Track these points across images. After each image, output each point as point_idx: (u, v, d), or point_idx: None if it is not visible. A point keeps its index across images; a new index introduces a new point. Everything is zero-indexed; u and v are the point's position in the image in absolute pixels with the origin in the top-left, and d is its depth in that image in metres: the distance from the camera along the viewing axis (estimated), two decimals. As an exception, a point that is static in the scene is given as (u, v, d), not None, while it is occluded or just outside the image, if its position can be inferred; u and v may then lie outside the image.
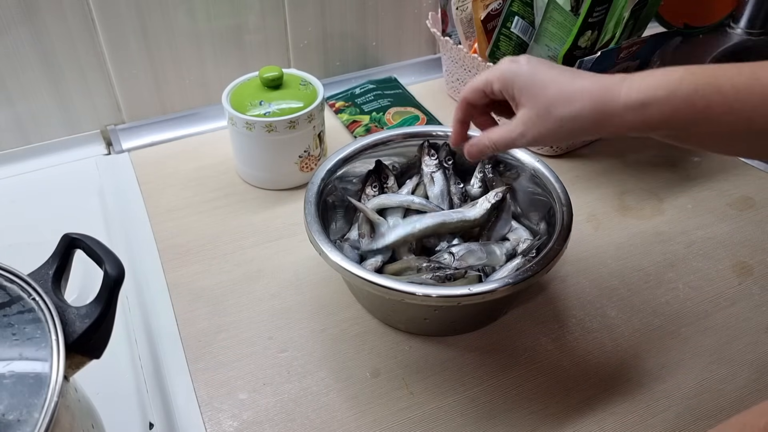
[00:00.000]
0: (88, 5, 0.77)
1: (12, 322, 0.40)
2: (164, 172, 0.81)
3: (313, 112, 0.74)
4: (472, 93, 0.54)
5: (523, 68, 0.50)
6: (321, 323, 0.63)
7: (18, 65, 0.77)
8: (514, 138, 0.51)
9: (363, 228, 0.66)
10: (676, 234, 0.73)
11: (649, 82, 0.46)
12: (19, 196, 0.78)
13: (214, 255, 0.70)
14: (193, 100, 0.89)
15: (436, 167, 0.68)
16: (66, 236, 0.45)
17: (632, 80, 0.46)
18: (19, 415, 0.36)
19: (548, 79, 0.49)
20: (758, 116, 0.43)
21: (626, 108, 0.46)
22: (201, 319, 0.63)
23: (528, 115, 0.50)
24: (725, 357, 0.60)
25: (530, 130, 0.50)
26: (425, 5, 0.96)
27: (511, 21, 0.78)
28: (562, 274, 0.68)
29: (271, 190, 0.78)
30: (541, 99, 0.49)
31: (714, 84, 0.44)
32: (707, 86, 0.44)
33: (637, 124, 0.47)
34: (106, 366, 0.45)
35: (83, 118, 0.85)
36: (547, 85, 0.49)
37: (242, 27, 0.86)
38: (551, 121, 0.49)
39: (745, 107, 0.44)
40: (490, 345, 0.61)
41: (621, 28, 0.75)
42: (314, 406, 0.56)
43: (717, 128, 0.45)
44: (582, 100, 0.47)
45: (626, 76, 0.47)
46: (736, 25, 1.07)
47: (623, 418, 0.55)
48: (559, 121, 0.48)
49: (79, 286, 0.60)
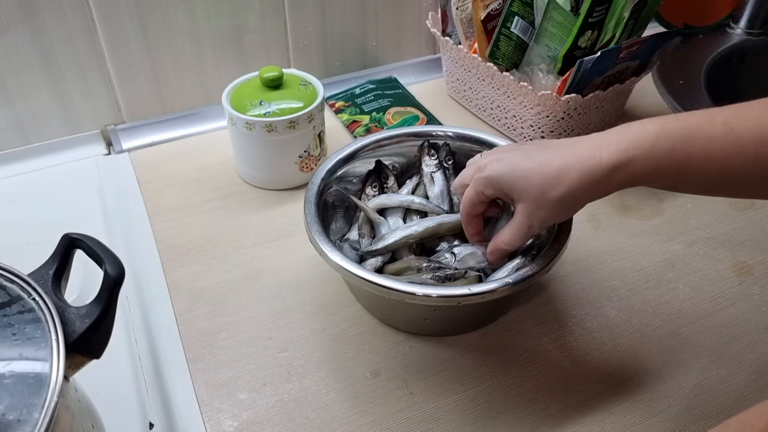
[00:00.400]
0: (88, 5, 0.77)
1: (12, 322, 0.40)
2: (164, 172, 0.81)
3: (313, 112, 0.74)
4: (473, 208, 0.57)
5: (500, 168, 0.53)
6: (321, 323, 0.63)
7: (18, 65, 0.77)
8: (525, 232, 0.54)
9: (363, 228, 0.66)
10: (676, 234, 0.73)
11: (626, 140, 0.48)
12: (19, 196, 0.78)
13: (214, 255, 0.70)
14: (193, 100, 0.89)
15: (436, 167, 0.68)
16: (66, 236, 0.45)
17: (608, 142, 0.48)
18: (19, 415, 0.36)
19: (527, 169, 0.51)
20: (735, 165, 0.45)
21: (611, 170, 0.48)
22: (201, 319, 0.63)
23: (527, 208, 0.52)
24: (725, 357, 0.60)
25: (535, 220, 0.52)
26: (425, 5, 0.96)
27: (511, 21, 0.78)
28: (562, 274, 0.68)
29: (271, 190, 0.78)
30: (531, 190, 0.51)
31: (689, 137, 0.46)
32: (683, 140, 0.46)
33: (626, 180, 0.48)
34: (106, 366, 0.45)
35: (83, 118, 0.85)
36: (529, 175, 0.51)
37: (242, 27, 0.86)
38: (550, 204, 0.51)
39: (722, 156, 0.46)
40: (490, 345, 0.61)
41: (621, 28, 0.75)
42: (314, 406, 0.56)
43: (700, 177, 0.47)
44: (569, 177, 0.49)
45: (600, 138, 0.49)
46: (736, 25, 1.07)
47: (623, 418, 0.55)
48: (556, 203, 0.50)
49: (79, 286, 0.60)
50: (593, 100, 0.77)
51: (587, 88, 0.76)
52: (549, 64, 0.78)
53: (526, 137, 0.83)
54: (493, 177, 0.53)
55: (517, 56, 0.81)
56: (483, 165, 0.54)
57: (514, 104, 0.82)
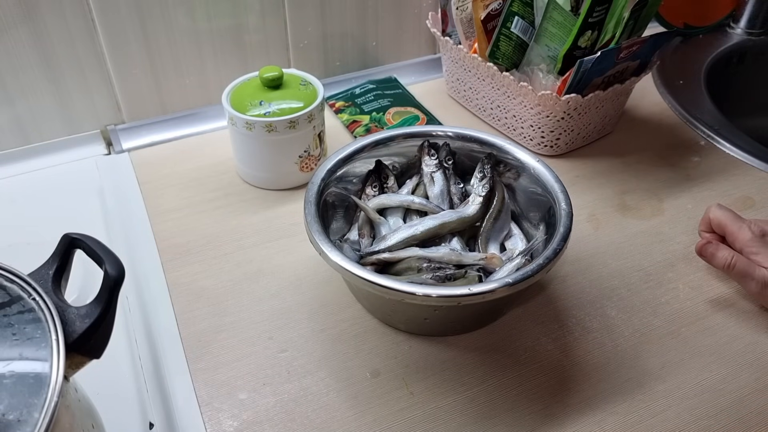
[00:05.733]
0: (88, 5, 0.77)
1: (12, 322, 0.40)
2: (164, 172, 0.81)
3: (313, 112, 0.74)
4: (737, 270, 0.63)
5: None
6: (321, 323, 0.63)
7: (18, 65, 0.77)
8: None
9: (363, 228, 0.66)
10: (676, 234, 0.73)
11: None
12: (19, 196, 0.78)
13: (214, 255, 0.70)
14: (193, 100, 0.89)
15: (436, 167, 0.68)
16: (66, 236, 0.45)
17: None
18: (19, 415, 0.36)
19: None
20: None
21: None
22: (201, 319, 0.63)
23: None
24: (725, 357, 0.60)
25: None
26: (425, 5, 0.96)
27: (511, 21, 0.78)
28: (562, 274, 0.68)
29: (271, 190, 0.78)
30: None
31: None
32: None
33: None
34: (106, 366, 0.45)
35: (83, 118, 0.85)
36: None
37: (242, 27, 0.86)
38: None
39: None
40: (490, 345, 0.61)
41: (621, 28, 0.75)
42: (314, 406, 0.56)
43: None
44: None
45: None
46: (736, 25, 1.07)
47: (623, 418, 0.55)
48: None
49: (79, 286, 0.60)
50: (593, 100, 0.77)
51: (587, 88, 0.76)
52: (549, 64, 0.78)
53: (526, 137, 0.83)
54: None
55: (517, 56, 0.81)
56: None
57: (514, 104, 0.82)
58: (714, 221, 0.65)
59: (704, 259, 0.65)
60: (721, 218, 0.64)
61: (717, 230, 0.65)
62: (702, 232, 0.67)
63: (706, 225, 0.66)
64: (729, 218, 0.64)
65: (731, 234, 0.63)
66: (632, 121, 0.90)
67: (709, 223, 0.66)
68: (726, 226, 0.64)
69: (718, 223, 0.65)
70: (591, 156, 0.84)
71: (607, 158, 0.83)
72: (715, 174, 0.81)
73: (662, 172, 0.81)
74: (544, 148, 0.83)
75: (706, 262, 0.65)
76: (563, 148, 0.83)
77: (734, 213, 0.64)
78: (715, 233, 0.66)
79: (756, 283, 0.61)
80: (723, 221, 0.64)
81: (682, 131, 0.88)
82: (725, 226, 0.64)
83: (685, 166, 0.82)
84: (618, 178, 0.80)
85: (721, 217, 0.64)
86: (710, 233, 0.66)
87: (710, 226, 0.66)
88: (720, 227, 0.65)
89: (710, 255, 0.64)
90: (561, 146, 0.83)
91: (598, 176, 0.81)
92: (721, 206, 0.65)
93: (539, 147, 0.83)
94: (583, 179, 0.80)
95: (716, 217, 0.65)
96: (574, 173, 0.81)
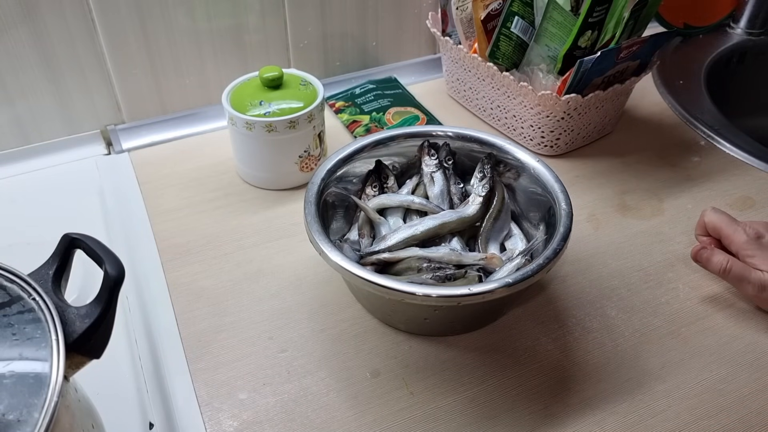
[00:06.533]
0: (88, 5, 0.77)
1: (12, 322, 0.40)
2: (164, 172, 0.81)
3: (313, 112, 0.74)
4: (732, 273, 0.63)
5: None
6: (321, 323, 0.63)
7: (18, 65, 0.77)
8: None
9: (363, 228, 0.66)
10: (676, 234, 0.73)
11: None
12: (19, 196, 0.78)
13: (214, 255, 0.70)
14: (193, 100, 0.89)
15: (436, 167, 0.68)
16: (66, 236, 0.45)
17: None
18: (19, 415, 0.36)
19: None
20: None
21: None
22: (201, 319, 0.63)
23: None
24: (725, 357, 0.60)
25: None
26: (425, 5, 0.96)
27: (511, 21, 0.78)
28: (562, 274, 0.68)
29: (271, 190, 0.78)
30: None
31: None
32: None
33: None
34: (106, 366, 0.45)
35: (83, 118, 0.85)
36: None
37: (242, 27, 0.86)
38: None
39: None
40: (490, 345, 0.61)
41: (621, 28, 0.75)
42: (314, 406, 0.56)
43: None
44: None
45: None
46: (736, 25, 1.07)
47: (623, 418, 0.55)
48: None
49: (79, 286, 0.60)
50: (593, 100, 0.77)
51: (587, 88, 0.76)
52: (549, 64, 0.78)
53: (526, 137, 0.83)
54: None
55: (517, 56, 0.81)
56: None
57: (514, 104, 0.82)
58: (709, 225, 0.65)
59: (700, 265, 0.65)
60: (715, 222, 0.64)
61: (712, 234, 0.65)
62: (698, 236, 0.67)
63: (701, 229, 0.66)
64: (724, 221, 0.64)
65: (726, 237, 0.63)
66: (632, 121, 0.90)
67: (705, 227, 0.66)
68: (721, 229, 0.64)
69: (713, 227, 0.64)
70: (591, 156, 0.84)
71: (607, 158, 0.83)
72: (715, 174, 0.81)
73: (662, 172, 0.81)
74: (544, 148, 0.83)
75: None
76: (563, 148, 0.83)
77: (729, 216, 0.64)
78: (712, 236, 0.66)
79: (752, 286, 0.61)
80: (718, 225, 0.64)
81: (682, 131, 0.88)
82: (720, 229, 0.64)
83: (685, 166, 0.82)
84: (618, 178, 0.80)
85: (716, 220, 0.64)
86: (706, 237, 0.66)
87: (706, 230, 0.66)
88: (715, 231, 0.64)
89: (705, 260, 0.64)
90: (561, 146, 0.83)
91: (598, 176, 0.81)
92: (715, 209, 0.65)
93: (539, 147, 0.83)
94: (583, 179, 0.80)
95: (711, 221, 0.64)
96: (574, 173, 0.81)
